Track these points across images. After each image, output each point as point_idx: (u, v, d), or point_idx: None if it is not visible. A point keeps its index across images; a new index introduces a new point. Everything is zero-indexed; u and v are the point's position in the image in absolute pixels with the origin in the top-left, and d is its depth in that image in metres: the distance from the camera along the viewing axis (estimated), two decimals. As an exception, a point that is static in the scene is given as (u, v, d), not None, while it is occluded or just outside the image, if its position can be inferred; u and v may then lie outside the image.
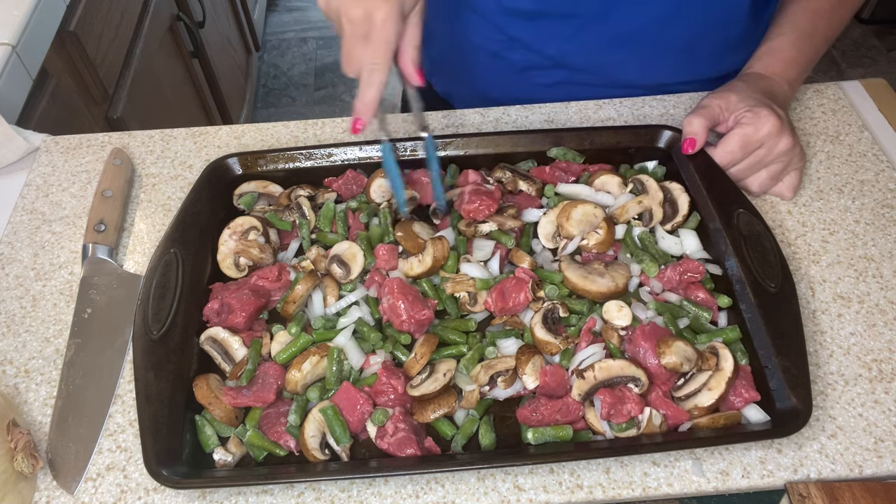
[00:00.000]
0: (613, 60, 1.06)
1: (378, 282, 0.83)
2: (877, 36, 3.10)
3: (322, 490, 0.70)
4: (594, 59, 1.06)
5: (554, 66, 1.08)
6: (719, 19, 1.02)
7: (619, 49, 1.04)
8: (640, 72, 1.08)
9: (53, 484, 0.72)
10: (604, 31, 1.01)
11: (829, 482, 0.69)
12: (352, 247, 0.86)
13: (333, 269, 0.84)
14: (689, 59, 1.07)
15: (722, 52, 1.07)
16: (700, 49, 1.06)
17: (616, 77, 1.08)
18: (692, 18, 1.00)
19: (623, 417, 0.71)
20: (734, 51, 1.07)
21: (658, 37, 1.02)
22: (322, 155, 0.95)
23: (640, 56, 1.05)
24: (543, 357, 0.77)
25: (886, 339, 0.80)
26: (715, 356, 0.75)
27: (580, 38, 1.03)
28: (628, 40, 1.03)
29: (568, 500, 0.69)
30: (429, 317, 0.79)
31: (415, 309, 0.78)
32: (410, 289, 0.80)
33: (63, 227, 0.94)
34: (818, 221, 0.92)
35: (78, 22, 1.36)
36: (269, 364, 0.76)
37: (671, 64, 1.07)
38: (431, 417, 0.73)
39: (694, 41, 1.04)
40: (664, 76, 1.09)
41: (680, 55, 1.06)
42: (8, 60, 1.12)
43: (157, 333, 0.76)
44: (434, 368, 0.76)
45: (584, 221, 0.86)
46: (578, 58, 1.06)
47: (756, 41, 1.01)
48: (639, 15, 0.99)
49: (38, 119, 1.21)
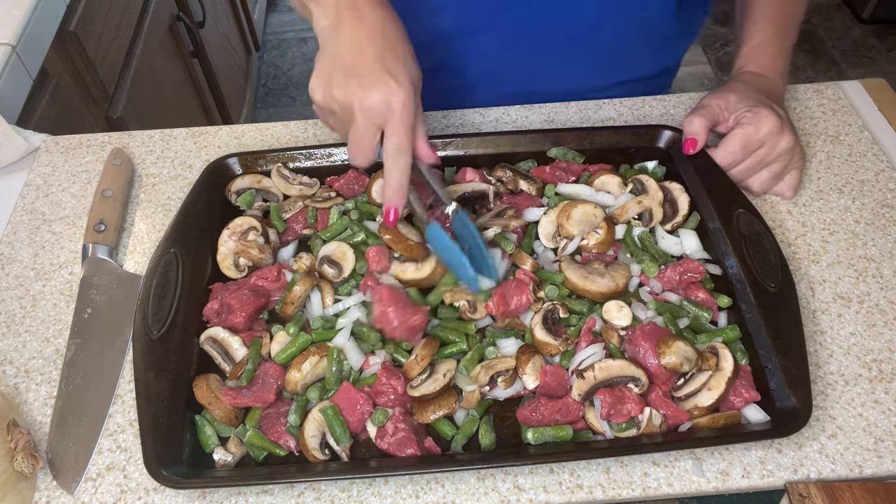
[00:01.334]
0: (544, 68, 1.07)
1: (371, 286, 0.81)
2: (877, 36, 3.10)
3: (322, 490, 0.70)
4: (522, 69, 1.07)
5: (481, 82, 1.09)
6: (647, 19, 1.03)
7: (549, 59, 1.05)
8: (579, 78, 1.09)
9: (53, 484, 0.72)
10: (533, 43, 1.02)
11: (829, 482, 0.69)
12: (340, 246, 0.85)
13: (325, 269, 0.84)
14: (622, 60, 1.08)
15: (655, 49, 1.08)
16: (632, 49, 1.07)
17: (548, 85, 1.09)
18: (620, 21, 1.01)
19: (623, 417, 0.71)
20: (666, 47, 1.08)
21: (588, 42, 1.03)
22: (322, 155, 0.95)
23: (571, 62, 1.06)
24: (543, 357, 0.77)
25: (886, 339, 0.80)
26: (715, 356, 0.75)
27: (505, 55, 1.04)
28: (560, 48, 1.03)
29: (568, 500, 0.69)
30: (421, 321, 0.77)
31: (406, 314, 0.76)
32: (399, 295, 0.78)
33: (63, 227, 0.94)
34: (818, 221, 0.92)
35: (78, 22, 1.36)
36: (268, 364, 0.76)
37: (604, 66, 1.08)
38: (431, 418, 0.73)
39: (625, 42, 1.05)
40: (598, 79, 1.10)
41: (612, 57, 1.07)
42: (8, 60, 1.12)
43: (157, 333, 0.76)
44: (434, 369, 0.75)
45: (584, 221, 0.86)
46: (505, 71, 1.07)
47: (687, 35, 1.02)
48: (568, 24, 1.00)
49: (38, 119, 1.21)
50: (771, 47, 0.96)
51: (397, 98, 0.71)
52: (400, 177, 0.74)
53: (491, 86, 1.11)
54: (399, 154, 0.73)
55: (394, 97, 0.71)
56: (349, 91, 0.72)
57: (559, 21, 1.01)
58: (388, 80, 0.71)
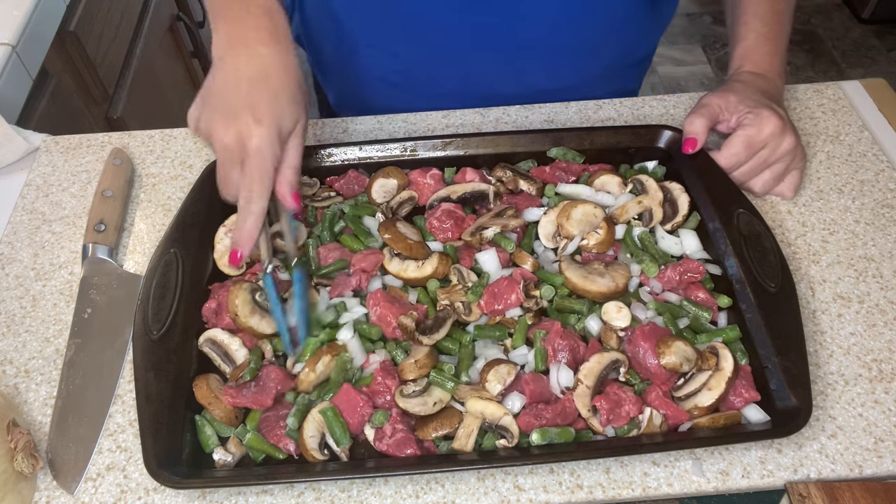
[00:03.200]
0: (515, 70, 1.07)
1: (361, 273, 0.82)
2: (877, 36, 3.10)
3: (322, 490, 0.70)
4: (483, 71, 1.07)
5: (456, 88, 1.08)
6: (615, 17, 1.03)
7: (521, 61, 1.05)
8: (547, 78, 1.08)
9: (53, 484, 0.72)
10: (490, 46, 1.02)
11: (829, 482, 0.69)
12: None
13: (277, 242, 0.84)
14: (587, 58, 1.07)
15: (624, 45, 1.08)
16: (597, 47, 1.06)
17: (510, 87, 1.09)
18: (582, 22, 1.01)
19: (623, 420, 0.71)
20: (635, 42, 1.08)
21: (548, 44, 1.02)
22: (322, 155, 0.95)
23: (542, 63, 1.06)
24: (518, 366, 0.76)
25: (886, 339, 0.80)
26: (715, 356, 0.75)
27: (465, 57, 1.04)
28: (528, 51, 1.03)
29: (568, 500, 0.69)
30: (420, 321, 0.78)
31: (403, 314, 0.77)
32: (394, 298, 0.80)
33: (63, 227, 0.94)
34: (818, 221, 0.92)
35: (78, 22, 1.36)
36: (271, 367, 0.76)
37: (567, 66, 1.08)
38: (433, 436, 0.72)
39: (591, 41, 1.04)
40: (571, 78, 1.09)
41: (576, 57, 1.06)
42: (8, 60, 1.12)
43: (157, 333, 0.76)
44: (428, 390, 0.74)
45: (584, 221, 0.86)
46: (464, 73, 1.07)
47: (657, 27, 1.03)
48: (526, 27, 1.00)
49: (38, 119, 1.21)
50: (766, 47, 0.96)
51: (253, 140, 0.70)
52: (250, 221, 0.73)
53: (455, 86, 1.10)
54: (250, 199, 0.72)
55: (250, 139, 0.70)
56: (212, 126, 0.72)
57: (516, 24, 1.00)
58: (248, 121, 0.70)
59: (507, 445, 0.71)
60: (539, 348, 0.76)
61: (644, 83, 2.87)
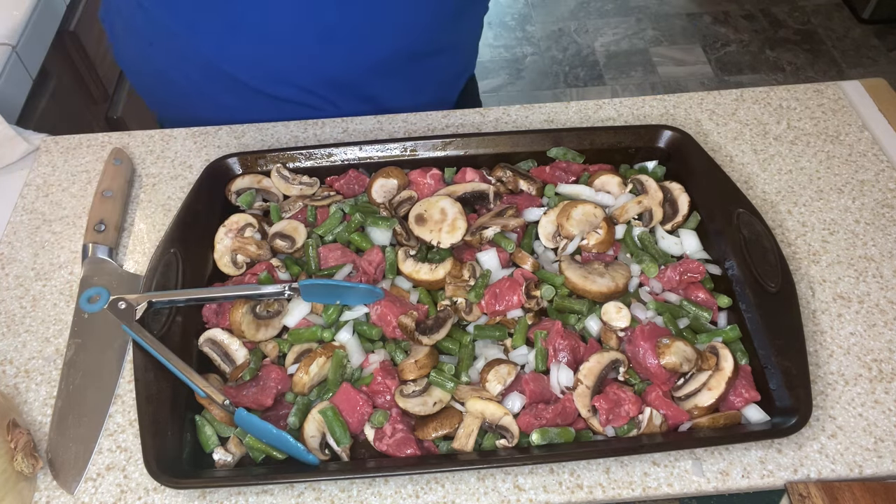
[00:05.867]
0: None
1: (363, 275, 0.82)
2: (877, 36, 3.10)
3: (322, 490, 0.70)
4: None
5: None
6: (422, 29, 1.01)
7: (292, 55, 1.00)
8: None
9: (53, 484, 0.72)
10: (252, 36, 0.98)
11: (829, 482, 0.69)
12: (291, 222, 0.87)
13: (277, 243, 0.85)
14: (341, 46, 1.00)
15: (400, 29, 1.02)
16: (363, 32, 0.99)
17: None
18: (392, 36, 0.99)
19: (623, 419, 0.71)
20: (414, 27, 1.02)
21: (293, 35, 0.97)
22: (322, 155, 0.95)
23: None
24: (518, 366, 0.76)
25: (886, 339, 0.80)
26: (715, 356, 0.75)
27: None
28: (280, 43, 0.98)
29: (568, 500, 0.69)
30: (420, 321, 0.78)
31: (403, 313, 0.78)
32: (395, 297, 0.80)
33: (63, 227, 0.94)
34: (818, 221, 0.92)
35: (78, 22, 1.36)
36: (271, 367, 0.76)
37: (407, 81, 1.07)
38: (432, 436, 0.72)
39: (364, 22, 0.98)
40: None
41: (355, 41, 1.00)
42: (8, 60, 1.12)
43: (157, 333, 0.76)
44: (428, 390, 0.74)
45: (584, 221, 0.86)
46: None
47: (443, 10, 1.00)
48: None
49: (38, 119, 1.21)
50: None
51: None
52: None
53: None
54: None
55: None
56: None
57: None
58: None
59: (507, 445, 0.71)
60: (540, 348, 0.76)
61: (644, 83, 2.88)
